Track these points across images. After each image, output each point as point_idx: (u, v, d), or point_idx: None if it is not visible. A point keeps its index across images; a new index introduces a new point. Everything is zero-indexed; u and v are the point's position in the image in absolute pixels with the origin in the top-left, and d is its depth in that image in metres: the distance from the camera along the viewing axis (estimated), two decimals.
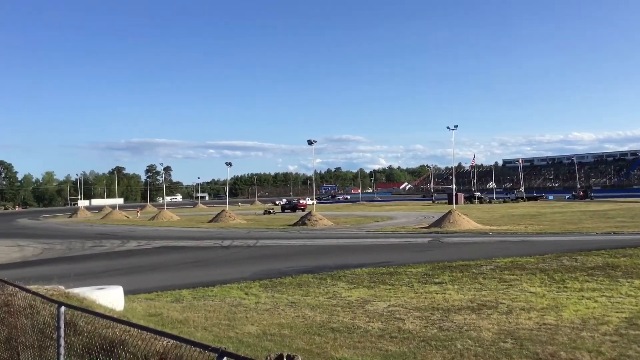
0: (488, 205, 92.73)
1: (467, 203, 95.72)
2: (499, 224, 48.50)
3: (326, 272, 22.91)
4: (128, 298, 16.88)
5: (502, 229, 44.13)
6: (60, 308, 5.78)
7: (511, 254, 26.50)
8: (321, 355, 11.32)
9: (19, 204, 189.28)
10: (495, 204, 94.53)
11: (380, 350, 11.63)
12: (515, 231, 41.47)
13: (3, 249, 40.35)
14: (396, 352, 11.51)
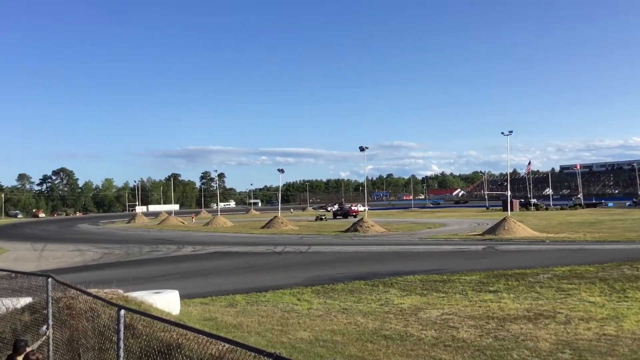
0: (544, 212, 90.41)
1: (522, 210, 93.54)
2: (556, 232, 47.20)
3: (378, 279, 22.82)
4: (184, 302, 17.23)
5: (559, 236, 42.94)
6: (120, 311, 5.96)
7: (569, 263, 25.76)
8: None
9: (79, 209, 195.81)
10: (552, 211, 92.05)
11: (434, 359, 11.50)
12: (573, 239, 40.28)
13: (65, 254, 41.81)
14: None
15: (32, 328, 10.06)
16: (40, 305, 10.40)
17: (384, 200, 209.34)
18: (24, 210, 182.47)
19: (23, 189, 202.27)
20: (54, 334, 8.33)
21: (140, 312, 6.57)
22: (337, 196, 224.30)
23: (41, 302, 10.14)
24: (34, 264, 33.55)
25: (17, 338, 8.12)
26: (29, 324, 10.61)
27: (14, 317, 11.37)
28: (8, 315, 11.37)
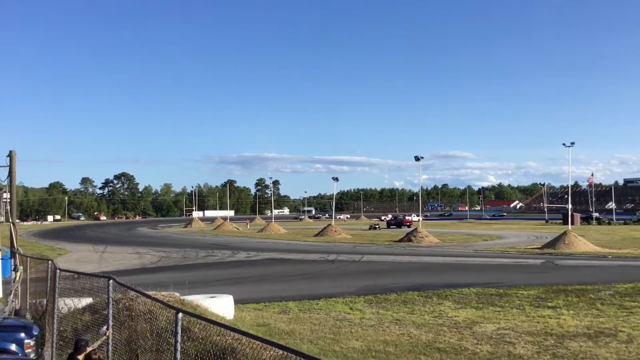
0: (607, 226, 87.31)
1: (583, 224, 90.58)
2: (619, 247, 45.49)
3: (432, 291, 22.53)
4: (237, 307, 17.46)
5: (622, 252, 41.37)
6: (178, 314, 6.08)
7: (633, 280, 24.80)
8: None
9: (139, 213, 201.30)
10: (615, 226, 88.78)
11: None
12: (637, 255, 38.74)
13: (125, 256, 43.03)
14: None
15: (92, 328, 10.38)
16: (100, 305, 10.72)
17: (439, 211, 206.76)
18: (86, 212, 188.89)
19: (86, 193, 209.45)
20: (113, 334, 8.56)
21: (197, 315, 6.68)
22: (391, 205, 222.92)
23: (101, 302, 10.45)
24: (94, 266, 34.66)
25: (79, 338, 8.38)
26: (89, 323, 10.96)
27: (75, 317, 11.77)
28: (70, 315, 11.77)
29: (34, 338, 10.91)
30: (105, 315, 9.05)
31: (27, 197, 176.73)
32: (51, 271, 11.49)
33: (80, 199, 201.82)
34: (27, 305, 16.30)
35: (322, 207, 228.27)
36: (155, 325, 8.66)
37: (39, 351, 11.10)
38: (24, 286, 17.41)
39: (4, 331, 10.96)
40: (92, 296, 11.48)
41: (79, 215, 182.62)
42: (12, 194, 24.26)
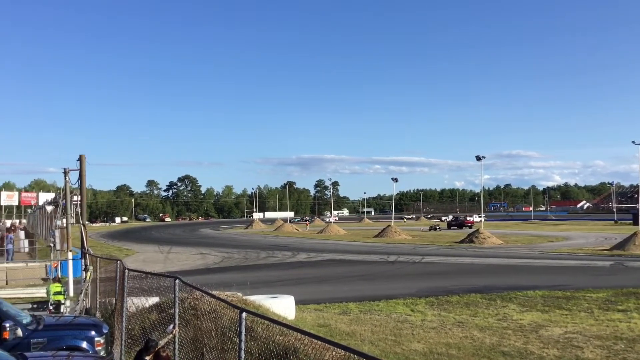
0: None
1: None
2: None
3: (495, 293, 22.08)
4: (298, 308, 17.60)
5: None
6: (242, 314, 6.18)
7: None
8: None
9: (201, 214, 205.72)
10: None
11: None
12: None
13: (189, 257, 44.07)
14: None
15: (159, 326, 10.67)
16: (166, 304, 11.02)
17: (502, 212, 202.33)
18: (151, 214, 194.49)
19: (151, 195, 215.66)
20: (179, 333, 8.78)
21: (260, 315, 6.78)
22: (452, 206, 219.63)
23: (167, 301, 10.74)
24: (160, 266, 35.63)
25: (149, 338, 8.63)
26: (156, 322, 11.28)
27: (143, 315, 12.14)
28: (138, 313, 12.15)
29: (103, 336, 11.31)
30: (171, 314, 9.30)
31: (96, 199, 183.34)
32: (120, 271, 11.88)
33: (146, 200, 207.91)
34: (97, 304, 16.91)
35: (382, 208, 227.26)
36: (219, 324, 8.83)
37: (109, 349, 11.50)
38: (93, 285, 18.07)
39: (76, 329, 11.42)
40: (158, 295, 11.80)
41: (145, 217, 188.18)
42: (83, 197, 25.28)
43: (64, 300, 18.07)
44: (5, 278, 26.61)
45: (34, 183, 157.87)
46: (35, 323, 11.00)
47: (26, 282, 25.99)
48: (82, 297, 18.31)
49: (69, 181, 24.62)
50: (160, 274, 11.06)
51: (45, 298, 18.74)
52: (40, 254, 32.72)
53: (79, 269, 23.97)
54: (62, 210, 28.05)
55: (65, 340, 10.70)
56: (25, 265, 28.42)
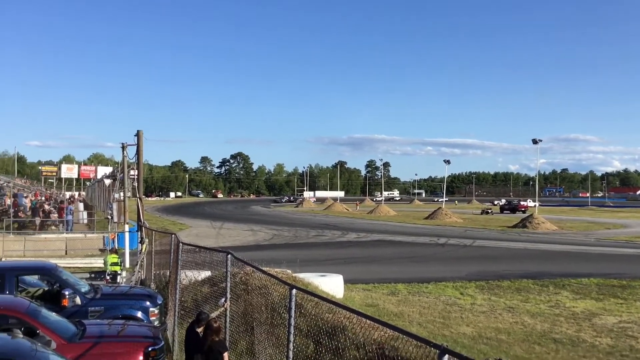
0: None
1: None
2: None
3: (548, 279, 21.65)
4: (347, 287, 17.69)
5: None
6: (292, 290, 6.25)
7: None
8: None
9: (253, 192, 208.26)
10: None
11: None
12: None
13: (240, 233, 44.81)
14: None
15: (210, 299, 10.91)
16: (218, 278, 11.24)
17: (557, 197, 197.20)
18: (204, 190, 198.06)
19: (205, 171, 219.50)
20: (230, 307, 8.95)
21: (310, 292, 6.85)
22: (505, 190, 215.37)
23: (219, 276, 10.96)
24: (212, 241, 36.34)
25: (201, 310, 8.83)
26: (208, 295, 11.54)
27: (195, 288, 12.44)
28: (190, 286, 12.45)
29: (158, 307, 11.65)
30: (222, 288, 9.48)
31: (152, 174, 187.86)
32: (174, 244, 12.17)
33: (200, 177, 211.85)
34: (152, 276, 17.42)
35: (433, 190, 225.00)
36: (269, 299, 8.97)
37: (163, 319, 11.85)
38: (149, 258, 18.61)
39: (131, 299, 11.80)
40: (211, 269, 12.05)
41: (198, 192, 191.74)
42: (139, 171, 25.92)
43: (120, 271, 18.66)
44: (64, 248, 27.70)
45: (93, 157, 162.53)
46: (93, 292, 11.42)
47: (84, 252, 26.99)
48: (137, 268, 18.87)
49: (126, 155, 25.26)
50: (213, 249, 11.28)
51: (102, 268, 19.39)
52: (98, 226, 33.84)
53: (135, 241, 24.68)
54: (120, 184, 28.88)
55: (121, 309, 11.08)
56: (84, 236, 29.50)
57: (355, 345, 8.11)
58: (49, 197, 44.92)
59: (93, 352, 7.90)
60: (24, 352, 5.70)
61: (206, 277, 12.90)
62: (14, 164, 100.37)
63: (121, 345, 8.35)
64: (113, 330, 8.99)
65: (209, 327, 7.54)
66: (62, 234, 29.48)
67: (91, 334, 8.44)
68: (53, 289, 11.39)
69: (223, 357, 7.51)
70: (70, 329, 8.43)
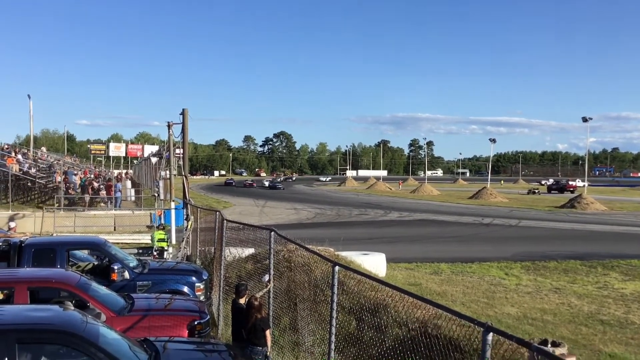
0: None
1: None
2: None
3: (596, 260, 21.16)
4: (389, 265, 17.68)
5: None
6: (335, 267, 6.27)
7: None
8: (588, 347, 10.59)
9: (296, 171, 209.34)
10: None
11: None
12: None
13: (283, 211, 45.16)
14: None
15: (254, 276, 11.05)
16: (261, 256, 11.37)
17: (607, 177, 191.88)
18: (247, 169, 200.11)
19: (248, 150, 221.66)
20: (274, 283, 9.06)
21: (352, 269, 6.86)
22: (553, 170, 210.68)
23: (262, 253, 11.08)
24: (256, 219, 36.77)
25: (239, 283, 8.96)
26: (251, 271, 11.69)
27: (239, 265, 12.62)
28: (234, 263, 12.64)
29: (203, 282, 11.87)
30: (266, 265, 9.59)
31: (197, 152, 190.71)
32: (219, 222, 12.33)
33: (243, 155, 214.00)
34: (197, 252, 17.74)
35: (478, 170, 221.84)
36: (311, 277, 9.03)
37: (208, 294, 12.07)
38: (194, 234, 18.94)
39: (178, 274, 12.05)
40: (254, 246, 12.19)
41: (241, 171, 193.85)
42: (185, 150, 26.29)
43: (167, 247, 19.04)
44: (113, 224, 28.45)
45: (139, 136, 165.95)
46: (141, 267, 11.69)
47: (132, 228, 27.65)
48: (183, 244, 19.23)
49: (172, 134, 25.62)
50: (257, 226, 11.39)
51: (149, 244, 19.83)
52: (145, 203, 34.59)
53: (181, 218, 25.12)
54: (166, 162, 29.37)
55: (168, 284, 11.33)
56: (132, 213, 30.20)
57: (397, 323, 8.12)
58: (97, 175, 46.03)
59: (141, 325, 8.11)
60: (75, 324, 5.88)
61: (250, 254, 13.07)
62: (63, 142, 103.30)
63: (168, 318, 8.55)
64: (160, 304, 9.20)
65: (251, 305, 7.64)
66: (110, 211, 30.25)
67: (139, 308, 8.66)
68: (102, 263, 11.72)
69: (265, 334, 7.62)
70: (119, 302, 8.66)
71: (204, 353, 7.21)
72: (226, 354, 6.90)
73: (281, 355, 8.55)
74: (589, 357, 9.97)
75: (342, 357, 7.13)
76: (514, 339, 3.73)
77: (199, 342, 7.94)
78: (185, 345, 7.39)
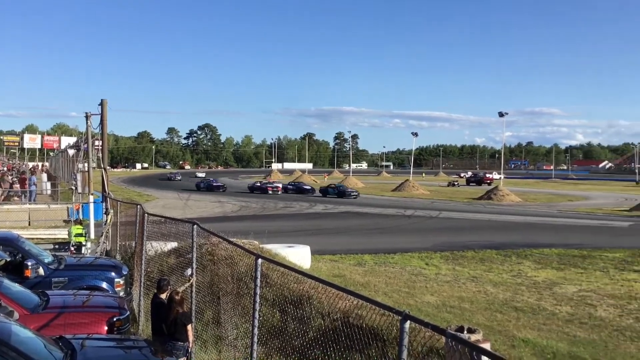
0: None
1: None
2: None
3: (511, 250, 22.12)
4: (314, 258, 17.80)
5: None
6: (258, 260, 6.26)
7: None
8: (502, 333, 11.05)
9: (221, 164, 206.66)
10: None
11: (567, 335, 11.04)
12: None
13: (207, 204, 44.55)
14: (585, 338, 10.86)
15: (176, 270, 10.87)
16: (184, 250, 11.19)
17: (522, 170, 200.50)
18: (171, 162, 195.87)
19: (172, 142, 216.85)
20: (196, 277, 8.94)
21: (275, 261, 6.88)
22: (472, 163, 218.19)
23: (185, 247, 10.90)
24: (179, 212, 36.09)
25: (161, 278, 8.81)
26: (174, 266, 11.49)
27: (161, 259, 12.38)
28: (156, 257, 12.39)
29: (123, 277, 11.58)
30: (188, 259, 9.45)
31: (118, 145, 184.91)
32: (140, 215, 12.05)
33: (167, 148, 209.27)
34: (117, 247, 17.25)
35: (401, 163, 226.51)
36: (235, 270, 8.97)
37: (128, 290, 11.78)
38: (114, 229, 18.40)
39: (96, 270, 11.69)
40: (177, 240, 11.99)
41: (165, 164, 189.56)
42: (104, 141, 25.46)
43: (85, 242, 18.42)
44: (27, 219, 27.18)
45: (56, 127, 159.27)
46: (57, 263, 11.27)
47: (48, 223, 26.52)
48: (102, 239, 18.66)
49: (90, 125, 24.74)
50: (179, 219, 11.20)
51: (67, 239, 19.13)
52: (62, 197, 33.26)
53: (100, 212, 24.37)
54: (84, 154, 28.35)
55: (85, 280, 10.98)
56: (48, 207, 28.95)
57: (320, 314, 8.21)
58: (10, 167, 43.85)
59: (57, 322, 7.83)
60: None
61: (172, 248, 12.84)
62: None
63: (85, 315, 8.29)
64: (77, 300, 8.91)
65: (172, 300, 7.52)
66: (24, 205, 28.90)
67: (55, 305, 8.35)
68: (15, 259, 11.20)
69: (187, 329, 7.51)
70: (33, 299, 8.33)
71: (123, 349, 7.05)
72: (147, 349, 6.77)
73: (204, 349, 8.47)
74: (503, 343, 10.40)
75: (265, 349, 7.13)
76: (429, 326, 3.85)
77: (119, 338, 7.76)
78: (103, 342, 7.19)
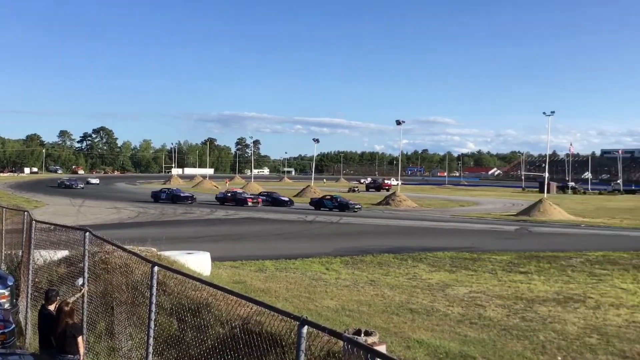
0: (582, 196, 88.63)
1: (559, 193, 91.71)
2: (592, 217, 46.34)
3: (407, 253, 22.84)
4: (214, 264, 17.54)
5: (595, 221, 42.18)
6: (154, 268, 6.11)
7: (603, 248, 25.36)
8: (399, 334, 11.37)
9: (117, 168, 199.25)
10: (590, 195, 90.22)
11: (459, 335, 11.53)
12: (609, 224, 39.56)
13: (102, 211, 42.80)
14: (475, 338, 11.38)
15: (67, 280, 10.37)
16: (76, 258, 10.70)
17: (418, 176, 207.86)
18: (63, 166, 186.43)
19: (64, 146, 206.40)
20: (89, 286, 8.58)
21: (172, 269, 6.73)
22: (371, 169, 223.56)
23: (77, 255, 10.43)
24: (72, 219, 34.40)
25: (49, 288, 8.38)
26: (64, 275, 10.95)
27: (51, 269, 11.74)
28: (45, 267, 11.74)
29: (8, 288, 10.89)
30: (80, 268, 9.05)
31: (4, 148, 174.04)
32: (27, 222, 11.42)
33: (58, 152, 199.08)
34: (2, 256, 16.20)
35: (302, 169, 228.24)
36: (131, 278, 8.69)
37: (14, 301, 11.10)
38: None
39: None
40: (68, 248, 11.44)
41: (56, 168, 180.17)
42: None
43: None
44: None
45: None
46: None
47: None
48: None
49: None
50: (70, 227, 10.70)
51: None
52: None
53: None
54: None
55: None
56: None
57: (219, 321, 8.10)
58: None
59: None
60: None
61: (63, 257, 12.22)
62: None
63: None
64: None
65: (61, 311, 7.17)
66: None
67: None
68: None
69: (77, 341, 7.17)
70: None
71: None
72: None
73: None
74: (399, 344, 10.70)
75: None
76: (326, 330, 3.91)
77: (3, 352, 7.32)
78: None
